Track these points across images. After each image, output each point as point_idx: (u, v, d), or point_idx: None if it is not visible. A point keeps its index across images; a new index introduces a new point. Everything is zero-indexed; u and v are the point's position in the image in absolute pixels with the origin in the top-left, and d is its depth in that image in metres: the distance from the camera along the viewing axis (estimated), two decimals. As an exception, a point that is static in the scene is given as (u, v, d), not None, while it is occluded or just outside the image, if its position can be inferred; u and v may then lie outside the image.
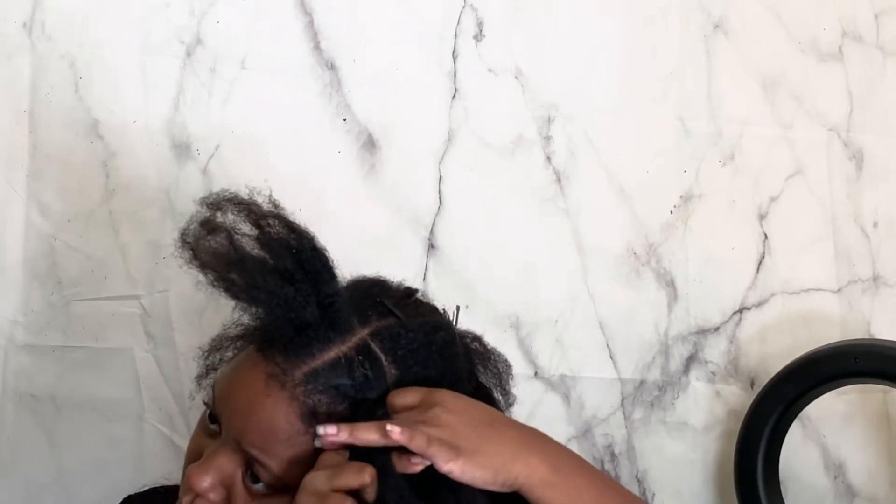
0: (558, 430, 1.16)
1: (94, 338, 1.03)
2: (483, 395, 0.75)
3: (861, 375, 1.11)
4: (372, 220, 1.10)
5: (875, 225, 1.26)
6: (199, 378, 0.76)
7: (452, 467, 0.64)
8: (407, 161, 1.11)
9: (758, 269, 1.23)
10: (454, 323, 0.75)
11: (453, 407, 0.68)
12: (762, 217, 1.23)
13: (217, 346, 0.75)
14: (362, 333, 0.69)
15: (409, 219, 1.11)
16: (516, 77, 1.15)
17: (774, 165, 1.23)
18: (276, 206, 0.71)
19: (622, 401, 1.18)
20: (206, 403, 0.72)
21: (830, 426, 1.24)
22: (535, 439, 0.70)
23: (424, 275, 1.11)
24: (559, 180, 1.16)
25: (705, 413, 1.21)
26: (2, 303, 1.01)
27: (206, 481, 0.68)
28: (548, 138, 1.16)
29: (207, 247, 0.67)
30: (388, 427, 0.64)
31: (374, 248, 1.10)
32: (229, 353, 0.74)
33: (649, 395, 1.19)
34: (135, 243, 1.03)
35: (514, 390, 0.79)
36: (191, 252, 0.67)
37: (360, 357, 0.68)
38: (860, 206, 1.26)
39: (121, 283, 1.03)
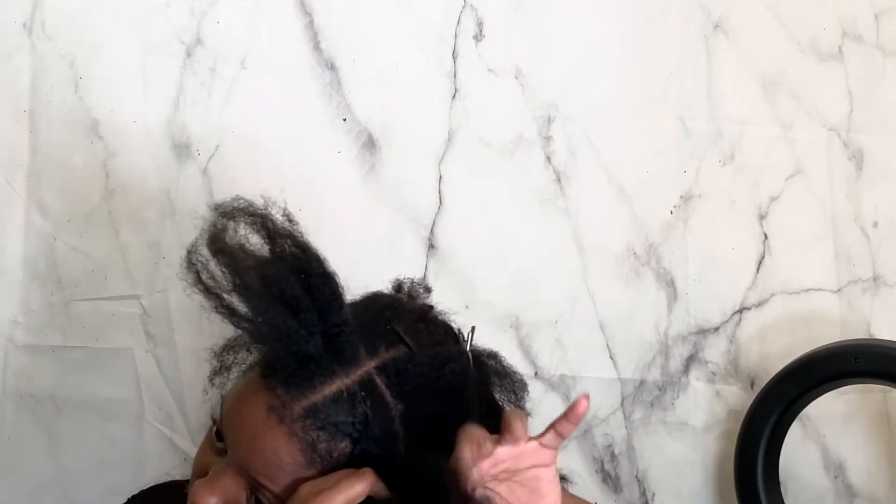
0: (558, 430, 1.16)
1: (94, 338, 1.03)
2: (495, 414, 0.73)
3: (861, 375, 1.11)
4: (372, 220, 1.10)
5: (875, 225, 1.26)
6: (213, 376, 0.74)
7: None
8: (407, 161, 1.11)
9: (758, 269, 1.23)
10: (468, 344, 0.73)
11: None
12: (762, 217, 1.23)
13: (231, 345, 0.74)
14: (368, 366, 0.67)
15: (409, 219, 1.11)
16: (516, 77, 1.15)
17: (774, 165, 1.23)
18: (290, 220, 0.69)
19: (622, 401, 1.18)
20: (213, 420, 0.71)
21: (830, 426, 1.24)
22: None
23: (424, 275, 1.11)
24: (559, 180, 1.16)
25: (705, 413, 1.21)
26: (2, 303, 1.01)
27: (211, 501, 0.67)
28: (548, 138, 1.16)
29: (211, 271, 0.65)
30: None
31: (374, 248, 1.10)
32: (242, 355, 0.73)
33: (649, 395, 1.19)
34: (135, 243, 1.03)
35: (527, 405, 0.78)
36: (195, 275, 0.66)
37: (362, 393, 0.66)
38: (860, 206, 1.26)
39: (121, 283, 1.03)
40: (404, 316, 0.72)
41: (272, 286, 0.64)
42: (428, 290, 0.78)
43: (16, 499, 1.03)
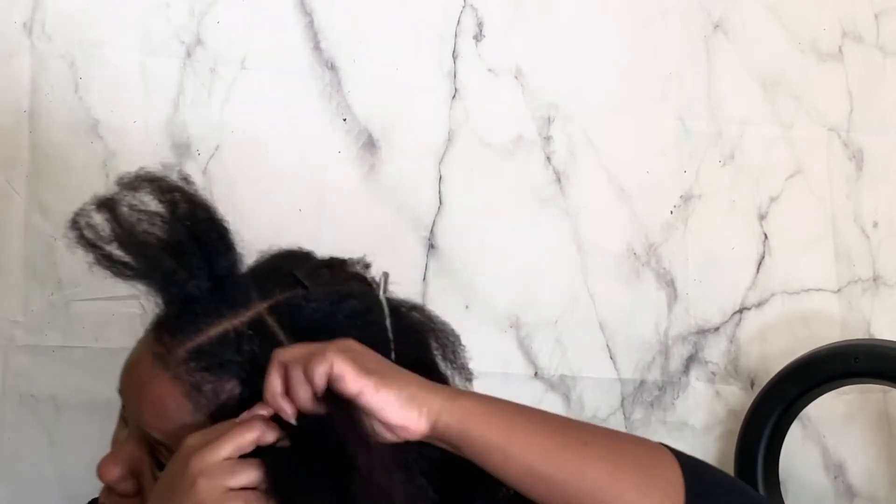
0: (558, 430, 1.16)
1: (94, 338, 1.03)
2: (424, 369, 0.66)
3: (861, 375, 1.11)
4: (372, 220, 1.10)
5: (875, 225, 1.26)
6: None
7: (364, 385, 0.57)
8: (407, 161, 1.11)
9: (758, 269, 1.23)
10: (382, 291, 0.69)
11: (359, 346, 0.61)
12: (762, 217, 1.23)
13: None
14: (259, 307, 0.64)
15: (409, 219, 1.11)
16: (516, 77, 1.15)
17: (774, 165, 1.23)
18: (187, 181, 0.67)
19: (622, 401, 1.18)
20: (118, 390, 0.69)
21: (830, 426, 1.24)
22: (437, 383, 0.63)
23: (424, 275, 1.11)
24: (559, 180, 1.16)
25: (705, 413, 1.21)
26: (2, 303, 1.01)
27: (114, 472, 0.65)
28: (548, 138, 1.16)
29: (93, 225, 0.64)
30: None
31: (374, 248, 1.09)
32: None
33: (649, 395, 1.19)
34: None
35: (470, 364, 0.71)
36: (77, 232, 0.64)
37: (250, 332, 0.63)
38: (860, 206, 1.26)
39: (121, 283, 1.03)
40: (308, 264, 0.69)
41: (159, 233, 0.63)
42: (366, 265, 0.74)
43: (16, 499, 1.03)
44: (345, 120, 1.10)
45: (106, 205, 0.64)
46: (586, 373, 1.17)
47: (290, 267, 0.68)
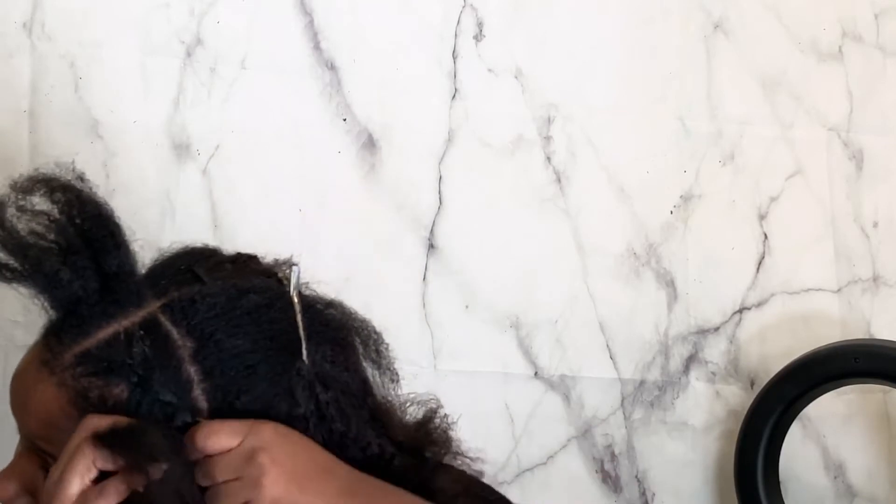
0: (558, 430, 1.16)
1: (94, 338, 1.03)
2: (339, 368, 0.65)
3: (861, 375, 1.11)
4: (372, 220, 1.10)
5: (875, 225, 1.26)
6: None
7: None
8: (407, 161, 1.11)
9: (758, 269, 1.23)
10: (292, 288, 0.65)
11: (276, 455, 0.59)
12: (762, 217, 1.23)
13: None
14: (152, 306, 0.61)
15: (409, 219, 1.11)
16: (516, 77, 1.15)
17: (774, 165, 1.23)
18: (81, 178, 0.64)
19: (622, 401, 1.18)
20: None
21: (830, 426, 1.24)
22: (357, 489, 0.62)
23: (424, 275, 1.11)
24: (559, 180, 1.16)
25: (705, 413, 1.21)
26: (2, 303, 1.01)
27: (8, 490, 0.62)
28: (548, 138, 1.16)
29: None
30: None
31: (374, 248, 1.10)
32: None
33: (649, 395, 1.19)
34: (135, 243, 1.03)
35: (395, 365, 0.69)
36: None
37: (141, 332, 0.60)
38: (860, 206, 1.26)
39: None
40: (211, 260, 0.66)
41: (38, 231, 0.61)
42: (293, 265, 0.68)
43: (16, 499, 1.02)
44: (345, 120, 1.10)
45: None
46: (586, 373, 1.17)
47: (190, 263, 0.65)
